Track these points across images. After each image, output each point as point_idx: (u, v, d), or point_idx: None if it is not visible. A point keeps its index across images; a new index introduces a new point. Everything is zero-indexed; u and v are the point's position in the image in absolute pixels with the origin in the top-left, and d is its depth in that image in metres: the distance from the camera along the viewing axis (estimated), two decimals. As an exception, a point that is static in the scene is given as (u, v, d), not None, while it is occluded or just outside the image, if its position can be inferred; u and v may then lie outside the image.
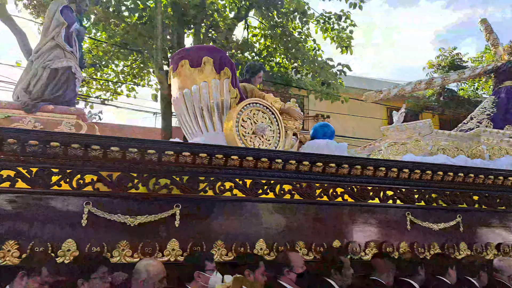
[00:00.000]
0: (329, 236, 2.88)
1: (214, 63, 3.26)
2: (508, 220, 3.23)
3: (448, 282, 2.62)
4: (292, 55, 9.05)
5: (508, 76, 4.93)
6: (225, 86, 3.28)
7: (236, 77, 3.38)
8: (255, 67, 3.85)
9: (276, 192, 2.91)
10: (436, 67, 13.77)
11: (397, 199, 3.06)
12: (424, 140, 3.46)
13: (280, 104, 3.39)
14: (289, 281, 2.45)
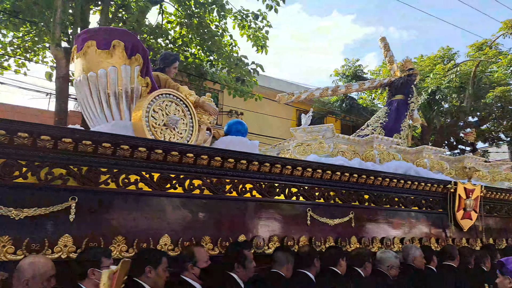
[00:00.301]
0: (236, 231, 3.01)
1: (126, 47, 3.12)
2: (391, 217, 3.78)
3: (339, 272, 2.96)
4: (208, 48, 9.05)
5: (399, 90, 5.76)
6: (136, 73, 3.17)
7: (149, 65, 3.30)
8: (170, 56, 3.80)
9: (185, 187, 2.92)
10: (341, 75, 15.23)
11: (300, 196, 3.34)
12: (327, 143, 3.83)
13: (195, 98, 3.41)
14: (192, 276, 2.50)
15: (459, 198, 4.01)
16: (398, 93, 5.72)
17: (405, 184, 3.78)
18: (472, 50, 15.80)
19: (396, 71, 6.02)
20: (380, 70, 15.98)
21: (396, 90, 5.76)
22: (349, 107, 14.31)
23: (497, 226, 4.65)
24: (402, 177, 3.74)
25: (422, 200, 3.99)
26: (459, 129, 15.75)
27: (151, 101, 3.07)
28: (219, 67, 9.37)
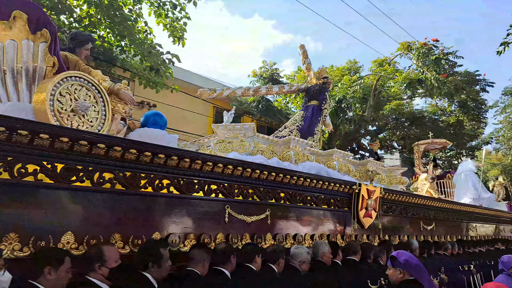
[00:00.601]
0: (150, 228, 2.90)
1: (29, 20, 2.79)
2: (303, 214, 4.02)
3: (254, 268, 3.05)
4: (119, 32, 8.48)
5: (314, 96, 6.19)
6: (41, 51, 2.85)
7: (57, 43, 2.99)
8: (82, 36, 3.49)
9: (94, 181, 2.71)
10: (258, 77, 15.75)
11: (219, 193, 3.35)
12: (248, 141, 3.92)
13: (109, 84, 3.19)
14: (100, 277, 2.34)
15: (362, 198, 4.46)
16: (314, 99, 6.14)
17: (317, 183, 4.06)
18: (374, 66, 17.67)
19: (313, 78, 6.45)
20: (295, 76, 16.90)
21: (312, 96, 6.18)
22: (265, 108, 14.85)
23: (392, 224, 5.29)
24: (315, 177, 4.01)
25: (331, 199, 4.34)
26: (361, 136, 17.49)
27: (57, 83, 2.79)
28: (130, 54, 8.83)
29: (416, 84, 15.87)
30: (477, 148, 21.73)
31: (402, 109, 16.98)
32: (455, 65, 15.91)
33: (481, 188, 9.34)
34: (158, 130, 3.35)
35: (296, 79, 16.73)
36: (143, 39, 8.66)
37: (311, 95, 6.22)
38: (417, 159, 11.04)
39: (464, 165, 10.05)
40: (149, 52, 8.21)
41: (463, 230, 7.33)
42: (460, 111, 17.76)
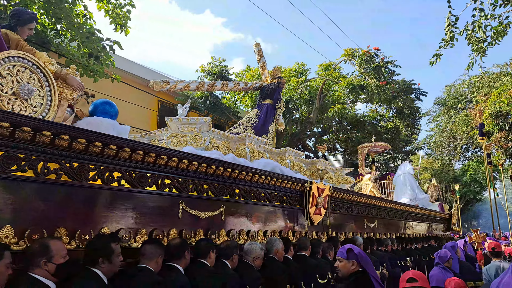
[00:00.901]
0: (98, 222, 2.77)
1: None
2: (257, 211, 4.08)
3: (208, 264, 3.05)
4: (54, 14, 7.86)
5: (269, 95, 6.30)
6: (-23, 25, 2.60)
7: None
8: (25, 14, 3.22)
9: (38, 171, 2.53)
10: (207, 72, 15.60)
11: (173, 188, 3.29)
12: (203, 136, 3.88)
13: (56, 68, 2.98)
14: (45, 273, 2.20)
15: (312, 196, 4.63)
16: (268, 98, 6.26)
17: (271, 180, 4.14)
18: (320, 69, 18.41)
19: (267, 77, 6.56)
20: (244, 74, 17.02)
21: (267, 95, 6.28)
22: (213, 105, 14.73)
23: (339, 221, 5.56)
24: (269, 174, 4.09)
25: (284, 196, 4.45)
26: (306, 137, 18.10)
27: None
28: (67, 39, 8.23)
29: (358, 89, 16.79)
30: (411, 153, 23.56)
31: (345, 112, 17.87)
32: (393, 74, 17.13)
33: (417, 189, 10.19)
34: (108, 119, 3.21)
35: (245, 77, 16.86)
36: (82, 24, 8.09)
37: (265, 93, 6.33)
38: (361, 160, 11.71)
39: (403, 167, 10.89)
40: (86, 37, 7.66)
41: (402, 228, 7.92)
42: (397, 117, 19.16)
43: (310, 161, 5.92)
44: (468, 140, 21.92)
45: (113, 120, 3.26)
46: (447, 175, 27.48)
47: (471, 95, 22.23)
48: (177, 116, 4.02)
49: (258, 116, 5.91)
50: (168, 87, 4.90)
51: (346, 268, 2.83)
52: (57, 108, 2.94)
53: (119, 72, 10.31)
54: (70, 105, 3.09)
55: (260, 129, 5.74)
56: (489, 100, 18.31)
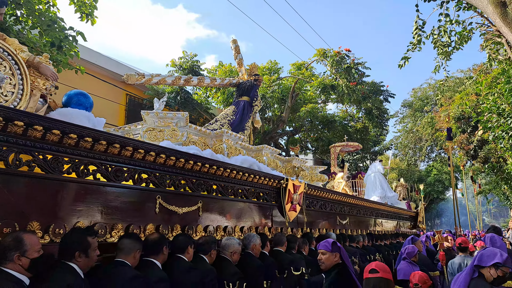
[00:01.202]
0: (73, 216, 2.71)
1: None
2: (234, 207, 4.11)
3: (186, 259, 3.05)
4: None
5: (246, 92, 6.33)
6: None
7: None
8: (-6, -3, 3.08)
9: (9, 162, 2.45)
10: (178, 67, 15.40)
11: (150, 183, 3.26)
12: (180, 131, 3.86)
13: (28, 56, 2.88)
14: (18, 268, 2.14)
15: (288, 193, 4.71)
16: (245, 94, 6.28)
17: (248, 177, 4.18)
18: (293, 68, 18.67)
19: (244, 74, 6.59)
20: (216, 70, 16.96)
21: (243, 92, 6.31)
22: (184, 100, 14.53)
23: (313, 218, 5.68)
24: (247, 170, 4.13)
25: (261, 192, 4.50)
26: (278, 135, 18.29)
27: (-34, 47, 2.44)
28: (28, 26, 7.86)
29: (329, 89, 17.17)
30: (379, 153, 24.34)
31: (317, 112, 18.23)
32: (364, 75, 17.65)
33: (387, 187, 10.60)
34: (83, 111, 3.13)
35: (217, 74, 16.80)
36: (44, 11, 7.74)
37: (242, 90, 6.35)
38: (333, 159, 12.00)
39: (373, 167, 11.29)
40: (48, 25, 7.32)
41: (372, 225, 8.20)
42: (366, 118, 19.75)
43: (286, 159, 6.02)
44: (433, 142, 22.92)
45: (88, 112, 3.18)
46: (413, 175, 28.64)
47: (436, 98, 23.27)
48: (153, 110, 3.97)
49: (235, 112, 5.93)
50: (143, 81, 4.82)
51: (329, 260, 2.97)
52: (29, 97, 2.84)
53: (85, 64, 10.00)
54: (42, 95, 2.99)
55: (237, 125, 5.76)
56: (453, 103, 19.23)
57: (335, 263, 2.97)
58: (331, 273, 2.97)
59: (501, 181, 14.60)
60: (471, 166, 21.28)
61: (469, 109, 18.46)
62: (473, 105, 15.35)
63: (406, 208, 11.47)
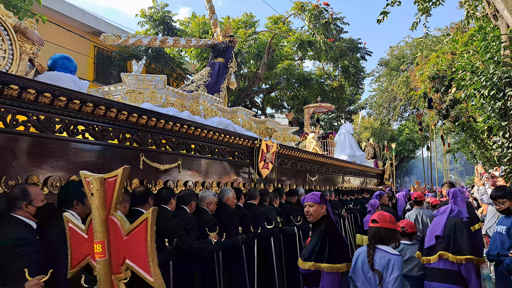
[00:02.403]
0: (68, 171, 3.13)
1: None
2: (211, 165, 4.62)
3: (169, 209, 3.57)
4: None
5: (221, 54, 6.63)
6: None
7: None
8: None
9: (7, 122, 2.82)
10: (148, 18, 15.15)
11: (134, 142, 3.69)
12: (159, 93, 4.23)
13: (15, 21, 3.14)
14: (27, 214, 2.59)
15: (261, 152, 5.24)
16: (220, 56, 6.59)
17: (224, 137, 4.66)
18: (269, 22, 18.67)
19: (219, 34, 6.84)
20: (189, 23, 16.80)
21: (218, 53, 6.61)
22: (156, 54, 14.44)
23: (284, 175, 6.31)
24: (223, 131, 4.59)
25: (236, 152, 5.01)
26: (254, 93, 18.63)
27: (-41, 14, 2.70)
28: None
29: (306, 45, 17.43)
30: (354, 112, 25.21)
31: (293, 69, 18.56)
32: (342, 31, 17.94)
33: (355, 147, 11.41)
34: (69, 74, 3.45)
35: (190, 26, 16.66)
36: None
37: (217, 52, 6.64)
38: (306, 120, 12.62)
39: (344, 127, 12.05)
40: None
41: (340, 181, 9.00)
42: (342, 76, 20.27)
43: (260, 120, 6.50)
44: (407, 101, 23.89)
45: (73, 75, 3.50)
46: (385, 134, 29.99)
47: (412, 57, 23.95)
48: (133, 72, 4.29)
49: (211, 74, 6.26)
50: (120, 41, 5.04)
51: (317, 212, 3.27)
52: (18, 62, 3.14)
53: (48, 12, 9.79)
54: (30, 59, 3.28)
55: (212, 87, 6.11)
56: (428, 62, 19.97)
57: (322, 215, 3.24)
58: (320, 225, 3.24)
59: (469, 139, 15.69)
60: (442, 126, 22.53)
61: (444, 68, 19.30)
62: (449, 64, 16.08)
63: (373, 166, 12.40)
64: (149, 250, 1.46)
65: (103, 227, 1.60)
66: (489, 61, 6.33)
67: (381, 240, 2.90)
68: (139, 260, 1.50)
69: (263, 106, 19.92)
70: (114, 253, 1.60)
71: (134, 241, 1.53)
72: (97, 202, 1.60)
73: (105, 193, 1.61)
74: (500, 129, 6.19)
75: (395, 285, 2.65)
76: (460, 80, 7.12)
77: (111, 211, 1.62)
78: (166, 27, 15.08)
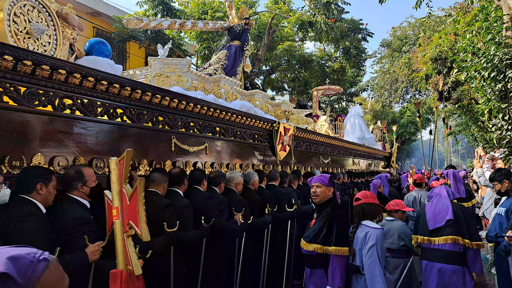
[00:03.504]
0: (111, 153, 3.39)
1: None
2: (233, 147, 4.90)
3: (201, 189, 3.86)
4: None
5: (237, 36, 6.84)
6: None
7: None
8: None
9: (55, 105, 3.05)
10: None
11: (166, 125, 3.95)
12: (185, 77, 4.47)
13: (57, 7, 3.34)
14: (82, 194, 2.86)
15: (279, 135, 5.53)
16: (236, 39, 6.80)
17: (246, 120, 4.93)
18: (270, 2, 18.69)
19: (234, 17, 7.04)
20: (189, 2, 16.81)
21: (235, 36, 6.82)
22: (155, 35, 14.54)
23: (300, 157, 6.62)
24: (245, 114, 4.86)
25: (256, 134, 5.30)
26: (254, 75, 18.79)
27: (12, 2, 2.90)
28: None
29: (307, 26, 17.56)
30: (355, 94, 25.48)
31: (294, 51, 18.71)
32: (343, 11, 18.06)
33: (365, 129, 11.77)
34: (106, 59, 3.68)
35: (190, 6, 16.69)
36: None
37: (233, 35, 6.84)
38: (315, 102, 12.91)
39: (354, 109, 12.36)
40: None
41: (350, 164, 9.36)
42: (344, 58, 20.47)
43: (276, 103, 6.77)
44: (408, 83, 24.22)
45: (108, 59, 3.73)
46: (387, 116, 30.42)
47: (415, 38, 24.16)
48: (158, 56, 4.51)
49: (228, 57, 6.47)
50: (142, 25, 5.23)
51: (324, 194, 3.37)
52: (61, 47, 3.36)
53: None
54: (70, 44, 3.50)
55: (229, 70, 6.34)
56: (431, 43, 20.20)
57: (329, 197, 3.38)
58: (326, 207, 3.36)
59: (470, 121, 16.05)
60: (444, 108, 22.93)
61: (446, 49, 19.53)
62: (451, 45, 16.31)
63: (381, 149, 12.80)
64: (139, 211, 2.09)
65: (117, 196, 2.24)
66: (490, 42, 6.38)
67: (365, 216, 3.22)
68: (134, 219, 2.10)
69: (264, 88, 20.10)
70: (124, 215, 2.21)
71: (132, 205, 2.13)
72: (113, 177, 2.24)
73: (119, 170, 2.23)
74: (500, 111, 6.36)
75: (368, 253, 2.95)
76: (461, 61, 7.25)
77: (122, 184, 2.23)
78: (165, 8, 15.14)
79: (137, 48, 15.11)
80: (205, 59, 17.00)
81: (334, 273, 3.13)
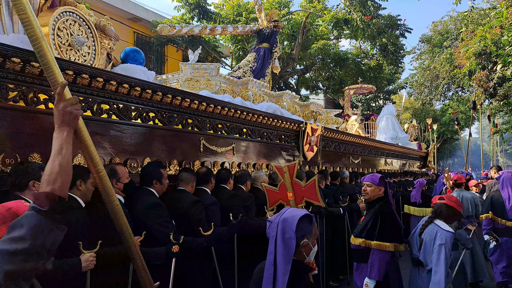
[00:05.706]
0: (144, 153, 3.70)
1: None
2: (261, 147, 5.11)
3: (228, 188, 4.09)
4: None
5: (266, 39, 7.06)
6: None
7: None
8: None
9: (94, 111, 3.38)
10: (184, 2, 15.69)
11: (194, 127, 4.22)
12: (214, 80, 4.73)
13: (95, 19, 3.69)
14: (116, 190, 3.16)
15: (307, 135, 5.69)
16: (265, 41, 7.03)
17: (272, 121, 5.13)
18: (304, 1, 18.71)
19: (264, 20, 7.27)
20: (224, 5, 17.20)
21: (264, 39, 7.05)
22: (191, 37, 15.03)
23: (328, 157, 6.74)
24: (271, 115, 5.07)
25: (282, 135, 5.49)
26: (288, 74, 18.91)
27: (56, 17, 3.25)
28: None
29: (342, 24, 17.41)
30: (393, 92, 24.97)
31: (329, 49, 18.63)
32: (380, 8, 17.77)
33: (398, 129, 11.66)
34: (139, 66, 4.00)
35: (224, 8, 17.07)
36: None
37: (262, 37, 7.07)
38: (347, 102, 12.90)
39: (386, 108, 12.26)
40: None
41: (382, 164, 9.35)
42: (381, 55, 20.09)
43: (304, 104, 6.93)
44: (450, 80, 23.42)
45: (143, 66, 4.05)
46: (427, 114, 29.52)
47: (457, 33, 23.32)
48: (188, 61, 4.80)
49: (256, 59, 6.71)
50: (174, 32, 5.57)
51: (374, 192, 3.58)
52: (100, 56, 3.70)
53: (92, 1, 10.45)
54: (108, 53, 3.84)
55: (258, 72, 6.57)
56: (474, 38, 19.46)
57: (379, 196, 3.56)
58: (375, 205, 3.56)
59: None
60: (489, 105, 22.00)
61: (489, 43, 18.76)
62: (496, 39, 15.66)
63: (416, 148, 12.58)
64: (317, 190, 3.59)
65: (291, 185, 3.62)
66: (538, 34, 6.22)
67: (440, 215, 3.39)
68: (311, 196, 3.60)
69: (298, 87, 20.18)
70: (297, 196, 3.62)
71: (309, 187, 3.61)
72: (286, 176, 3.60)
73: (290, 171, 3.59)
74: (549, 109, 6.17)
75: (437, 250, 3.17)
76: (507, 56, 7.02)
77: (293, 178, 3.64)
78: (201, 11, 15.58)
79: (174, 51, 15.67)
80: (239, 60, 17.32)
81: (372, 265, 3.33)
